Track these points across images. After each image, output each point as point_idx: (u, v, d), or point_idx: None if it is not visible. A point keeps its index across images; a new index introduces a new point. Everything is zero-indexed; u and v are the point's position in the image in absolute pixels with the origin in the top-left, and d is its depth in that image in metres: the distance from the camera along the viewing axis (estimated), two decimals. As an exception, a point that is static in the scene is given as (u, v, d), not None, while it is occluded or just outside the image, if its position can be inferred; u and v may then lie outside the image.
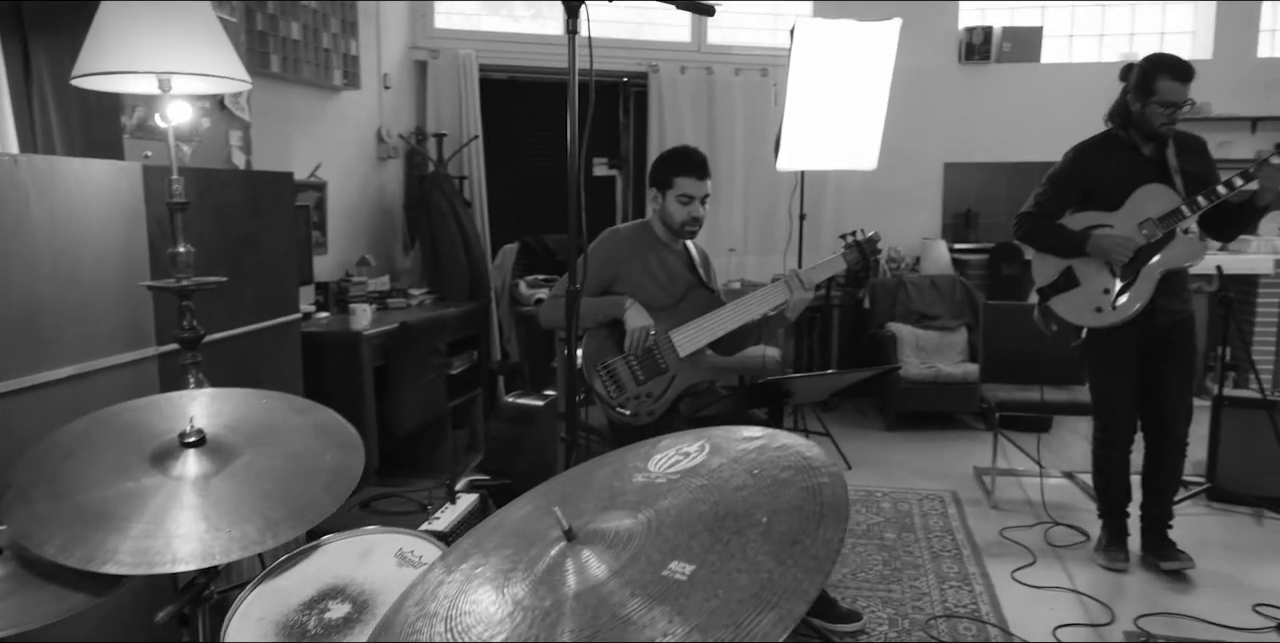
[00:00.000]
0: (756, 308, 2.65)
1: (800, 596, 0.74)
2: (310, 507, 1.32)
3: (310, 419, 1.53)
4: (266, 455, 1.39)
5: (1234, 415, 3.61)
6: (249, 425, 1.46)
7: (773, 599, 0.74)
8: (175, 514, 1.25)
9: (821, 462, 0.92)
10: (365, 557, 1.37)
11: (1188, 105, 2.80)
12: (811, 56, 3.95)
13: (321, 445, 1.44)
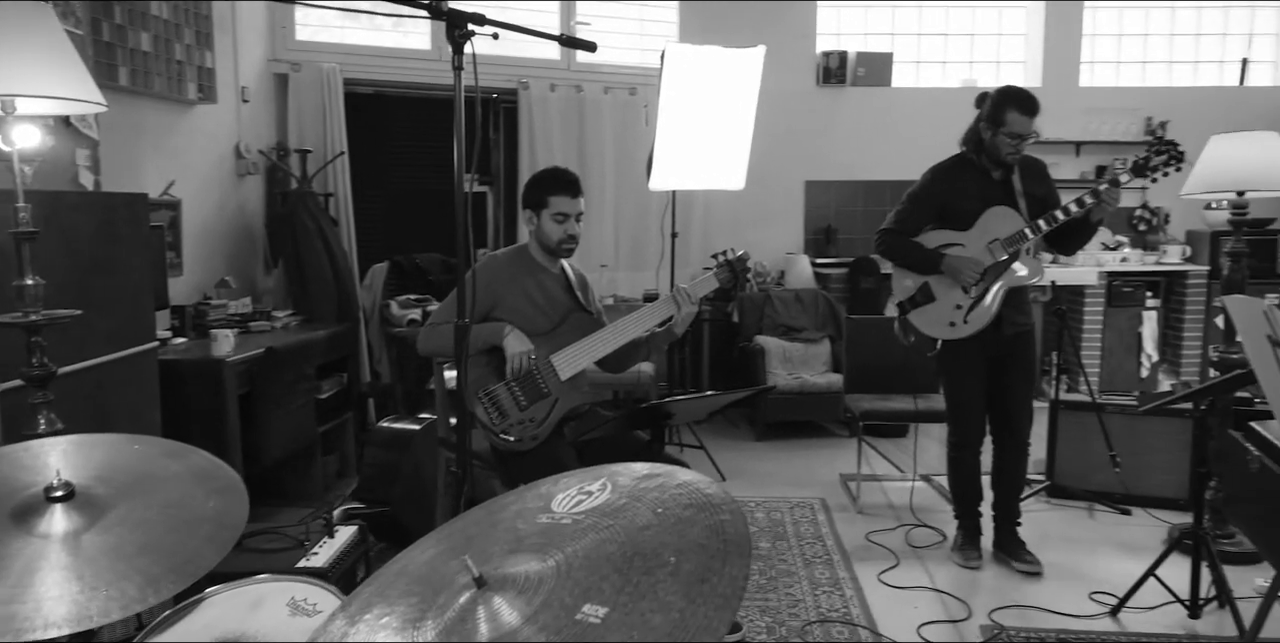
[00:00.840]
0: (637, 326, 2.70)
1: (711, 633, 0.78)
2: (193, 560, 1.27)
3: (186, 464, 1.47)
4: (142, 506, 1.33)
5: (1068, 417, 3.93)
6: (120, 474, 1.40)
7: (685, 638, 0.78)
8: (44, 576, 1.18)
9: (722, 499, 0.97)
10: (256, 608, 1.33)
11: (1033, 137, 3.04)
12: (681, 80, 4.06)
13: (202, 492, 1.39)
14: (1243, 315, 1.59)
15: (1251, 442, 1.84)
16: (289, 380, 3.69)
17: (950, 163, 3.24)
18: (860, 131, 6.09)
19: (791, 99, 6.01)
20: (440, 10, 1.53)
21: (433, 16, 1.52)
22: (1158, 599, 2.83)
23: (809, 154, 6.10)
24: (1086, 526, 3.65)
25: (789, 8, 6.02)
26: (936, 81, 6.33)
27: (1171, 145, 2.96)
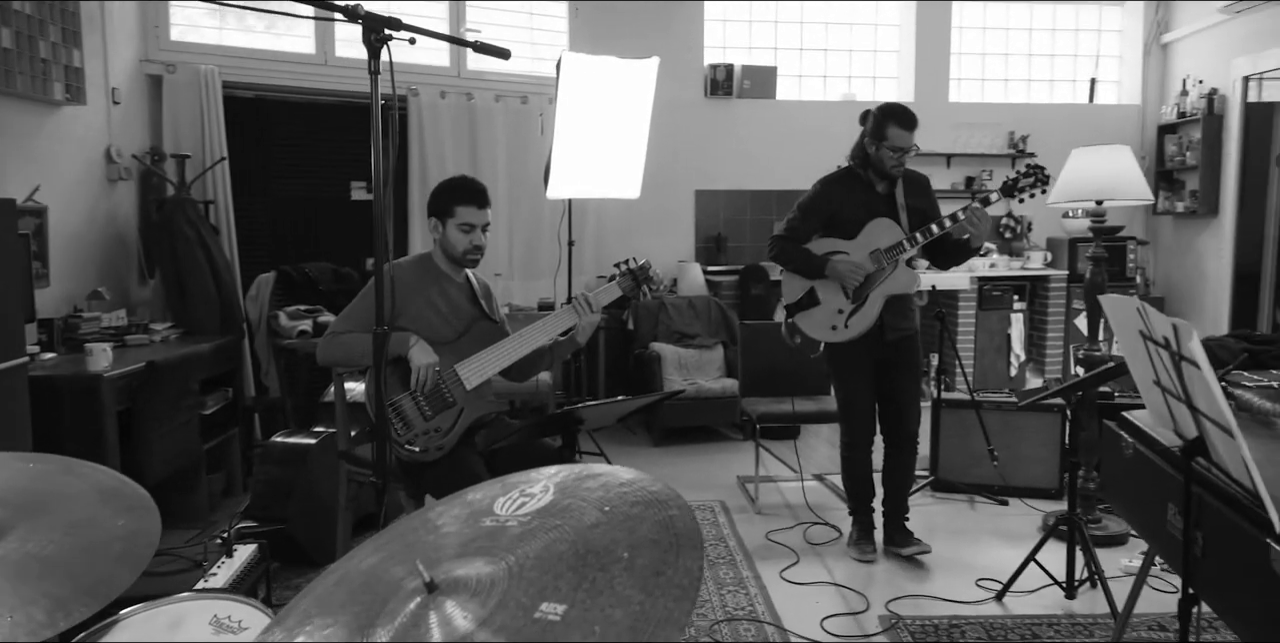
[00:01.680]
0: (541, 335, 2.71)
1: (673, 623, 0.81)
2: (105, 581, 1.20)
3: (90, 482, 1.39)
4: (45, 527, 1.26)
5: (949, 415, 4.14)
6: (17, 495, 1.31)
7: (648, 629, 0.81)
8: (-58, 604, 1.10)
9: (668, 495, 1.00)
10: (176, 628, 1.28)
11: (913, 150, 3.21)
12: (577, 89, 4.09)
13: (110, 511, 1.32)
14: (1117, 313, 1.73)
15: (1125, 430, 2.00)
16: (171, 396, 3.52)
17: (838, 175, 3.38)
18: (747, 142, 6.26)
19: (680, 110, 6.13)
20: (356, 13, 1.51)
21: (349, 19, 1.49)
22: (1038, 583, 3.03)
23: (698, 164, 6.23)
24: (969, 517, 3.86)
25: (677, 21, 6.14)
26: (818, 95, 6.57)
27: (1038, 169, 3.18)
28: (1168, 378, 1.58)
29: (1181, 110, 6.31)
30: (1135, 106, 6.75)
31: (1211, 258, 6.14)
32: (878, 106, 3.26)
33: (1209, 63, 6.15)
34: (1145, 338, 1.63)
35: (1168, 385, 1.60)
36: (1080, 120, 6.52)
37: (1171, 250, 6.58)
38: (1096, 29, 6.89)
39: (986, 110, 6.60)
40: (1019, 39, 6.83)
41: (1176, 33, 6.47)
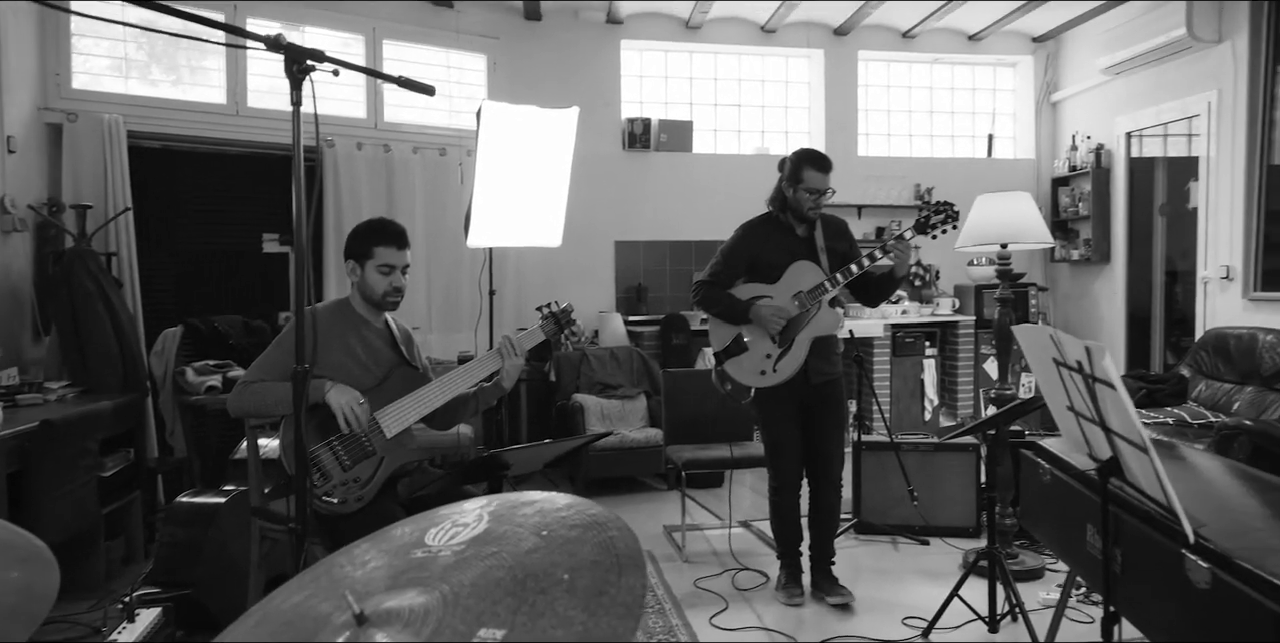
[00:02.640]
0: (464, 380, 2.66)
1: (618, 640, 0.79)
2: (-4, 637, 1.12)
3: (-21, 534, 1.30)
4: (-72, 582, 1.16)
5: (870, 457, 4.20)
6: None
7: (593, 649, 0.78)
8: None
9: (607, 517, 0.98)
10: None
11: (829, 192, 3.32)
12: (497, 138, 4.11)
13: (1, 563, 1.23)
14: (1030, 342, 1.80)
15: (1041, 457, 2.06)
16: (67, 457, 3.33)
17: (759, 221, 3.46)
18: (665, 194, 6.37)
19: (599, 162, 6.22)
20: (278, 43, 1.49)
21: (269, 49, 1.48)
22: (962, 619, 3.06)
23: (617, 215, 6.31)
24: (892, 557, 3.89)
25: (594, 76, 6.27)
26: (733, 149, 6.76)
27: (948, 206, 3.31)
28: (1081, 402, 1.63)
29: (1072, 164, 6.69)
30: (1030, 160, 7.13)
31: (1106, 302, 6.46)
32: (794, 152, 3.37)
33: (1095, 120, 6.56)
34: (1059, 364, 1.69)
35: (1081, 409, 1.66)
36: (980, 173, 6.85)
37: (1069, 296, 6.90)
38: (992, 88, 7.30)
39: (893, 164, 6.88)
40: (921, 97, 7.19)
41: (1065, 92, 6.89)
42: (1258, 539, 1.33)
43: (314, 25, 5.41)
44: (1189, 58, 5.52)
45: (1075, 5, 6.14)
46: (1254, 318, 5.07)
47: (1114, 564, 1.54)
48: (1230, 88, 5.23)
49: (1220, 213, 5.36)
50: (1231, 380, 4.90)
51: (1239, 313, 5.21)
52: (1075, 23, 6.53)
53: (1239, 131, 5.18)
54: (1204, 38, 5.28)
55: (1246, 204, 5.17)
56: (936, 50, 6.95)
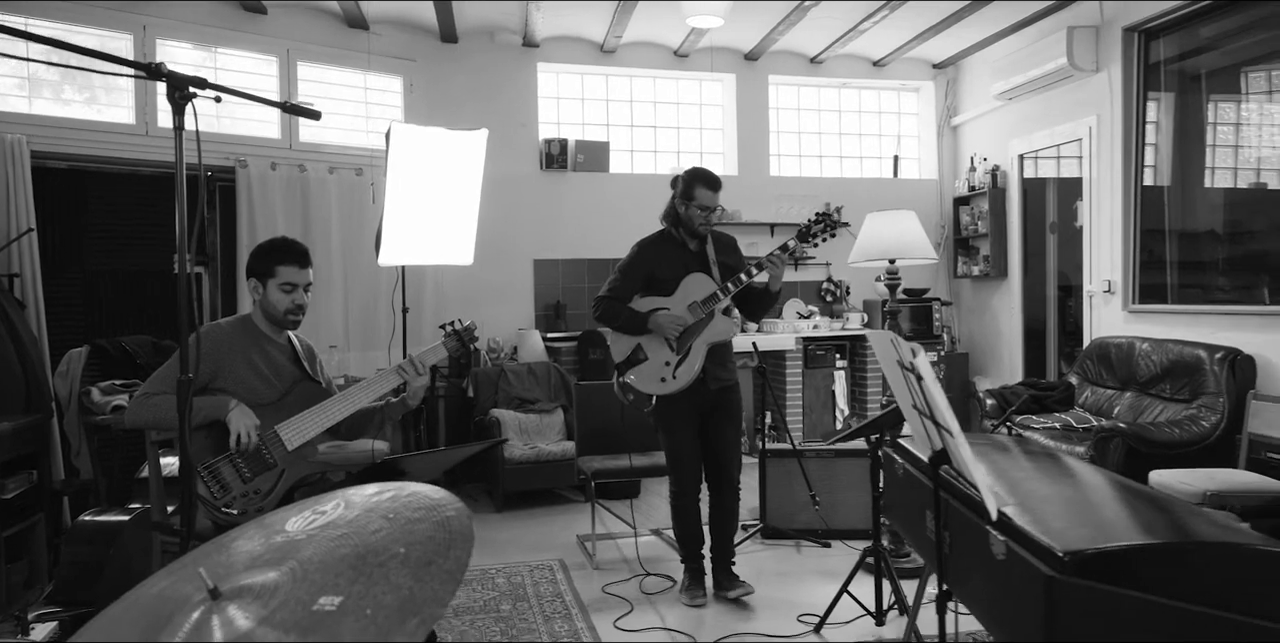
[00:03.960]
0: (365, 396, 2.74)
1: (438, 602, 0.90)
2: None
3: None
4: None
5: (775, 465, 4.37)
6: None
7: (415, 608, 0.89)
8: None
9: (448, 500, 1.09)
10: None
11: (720, 210, 3.49)
12: (407, 158, 4.20)
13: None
14: (880, 347, 1.96)
15: (898, 453, 2.23)
16: (-36, 477, 3.29)
17: (654, 237, 3.62)
18: (582, 213, 6.51)
19: (517, 182, 6.34)
20: (159, 71, 1.58)
21: (150, 77, 1.56)
22: (852, 614, 3.22)
23: (536, 234, 6.42)
24: (795, 560, 4.05)
25: (511, 98, 6.40)
26: (649, 169, 6.94)
27: (827, 216, 3.50)
28: (919, 399, 1.80)
29: (971, 184, 7.03)
30: (933, 181, 7.46)
31: (1005, 315, 6.79)
32: (687, 170, 3.54)
33: (991, 142, 6.91)
34: (901, 366, 1.86)
35: (920, 406, 1.83)
36: (887, 192, 7.14)
37: (972, 310, 7.23)
38: (897, 112, 7.63)
39: (804, 184, 7.14)
40: (831, 119, 7.48)
41: (963, 116, 7.25)
42: (1050, 517, 1.50)
43: (227, 47, 5.44)
44: (1071, 85, 5.88)
45: (969, 35, 6.49)
46: (1133, 328, 5.40)
47: (945, 545, 1.70)
48: (1108, 114, 5.59)
49: (1102, 230, 5.71)
50: (1113, 387, 5.22)
51: (1120, 324, 5.54)
52: (971, 51, 6.89)
53: (1116, 154, 5.54)
54: (1083, 67, 5.64)
55: (1124, 222, 5.52)
56: (843, 75, 7.25)
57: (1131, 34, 5.44)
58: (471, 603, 3.54)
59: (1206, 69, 5.36)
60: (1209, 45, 5.30)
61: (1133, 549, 1.28)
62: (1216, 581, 1.28)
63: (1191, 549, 1.29)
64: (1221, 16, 5.06)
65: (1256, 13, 4.81)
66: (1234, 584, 1.28)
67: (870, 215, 4.00)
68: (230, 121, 5.43)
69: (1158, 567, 1.28)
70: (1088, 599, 1.22)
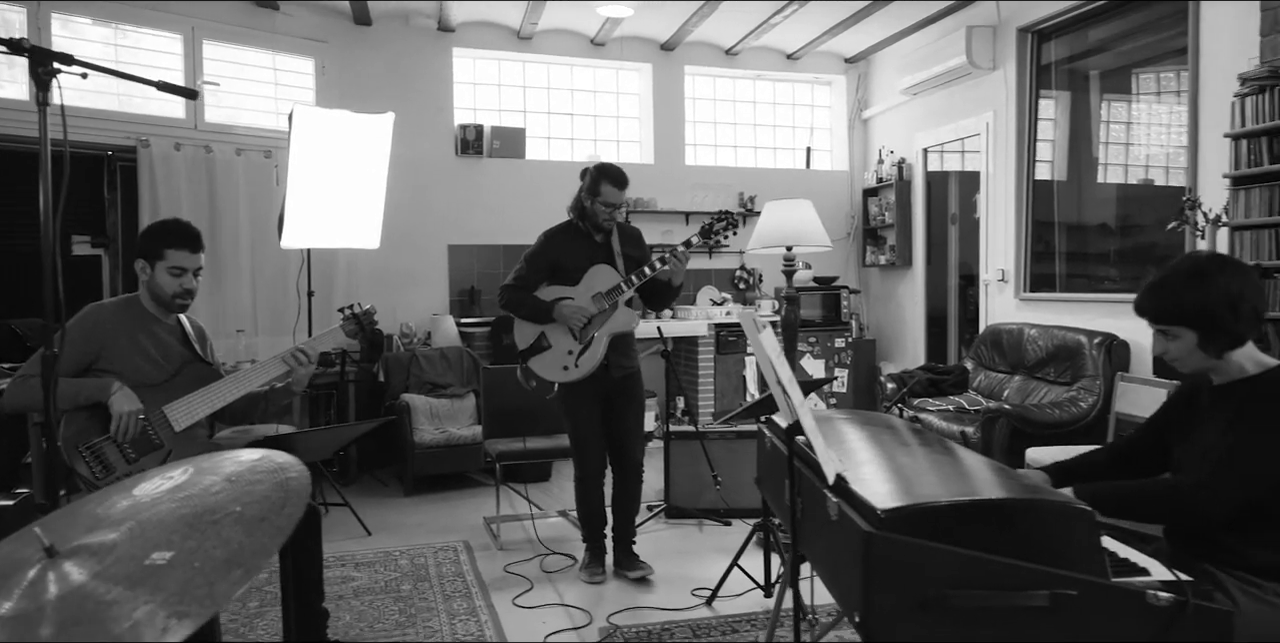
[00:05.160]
0: (256, 378, 2.74)
1: (264, 553, 0.96)
2: None
3: None
4: None
5: (679, 447, 4.48)
6: None
7: (241, 560, 0.95)
8: None
9: (290, 463, 1.15)
10: None
11: (625, 206, 3.56)
12: (310, 141, 4.17)
13: None
14: (748, 327, 2.06)
15: (767, 428, 2.34)
16: None
17: (560, 228, 3.68)
18: (498, 199, 6.52)
19: (432, 167, 6.32)
20: (20, 45, 1.57)
21: (11, 51, 1.56)
22: (743, 588, 3.35)
23: (451, 219, 6.41)
24: (696, 538, 4.17)
25: (426, 82, 6.36)
26: (566, 156, 6.98)
27: (728, 214, 3.61)
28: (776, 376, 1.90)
29: (879, 176, 7.25)
30: (844, 172, 7.67)
31: (909, 304, 7.03)
32: (594, 165, 3.59)
33: (898, 136, 7.13)
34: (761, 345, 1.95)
35: (778, 381, 1.93)
36: (799, 183, 7.31)
37: (879, 298, 7.46)
38: (810, 104, 7.81)
39: (719, 173, 7.26)
40: (746, 110, 7.61)
41: (873, 110, 7.46)
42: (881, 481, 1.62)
43: (128, 23, 5.29)
44: (971, 82, 6.12)
45: (878, 31, 6.68)
46: (1024, 315, 5.67)
47: (797, 511, 1.81)
48: (1003, 110, 5.84)
49: (997, 222, 5.97)
50: (1004, 371, 5.47)
51: (1013, 311, 5.81)
52: (880, 46, 7.09)
53: (1010, 149, 5.79)
54: (981, 65, 5.87)
55: (1017, 214, 5.78)
56: (758, 67, 7.39)
57: (1025, 34, 5.68)
58: (372, 584, 3.57)
59: (1100, 69, 5.63)
60: (1100, 47, 5.57)
61: (945, 506, 1.40)
62: (1022, 534, 1.41)
63: (997, 506, 1.42)
64: (1108, 20, 5.32)
65: (1141, 18, 5.07)
66: (1036, 538, 1.41)
67: (769, 204, 4.13)
68: (133, 100, 5.30)
69: (971, 523, 1.41)
70: (900, 553, 1.34)
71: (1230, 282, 1.72)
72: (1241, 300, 1.72)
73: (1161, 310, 1.78)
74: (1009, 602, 1.34)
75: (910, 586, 1.34)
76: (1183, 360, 1.81)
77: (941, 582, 1.34)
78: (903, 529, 1.36)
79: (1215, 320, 1.72)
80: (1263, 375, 1.76)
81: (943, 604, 1.33)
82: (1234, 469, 1.65)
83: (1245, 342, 1.77)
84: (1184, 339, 1.77)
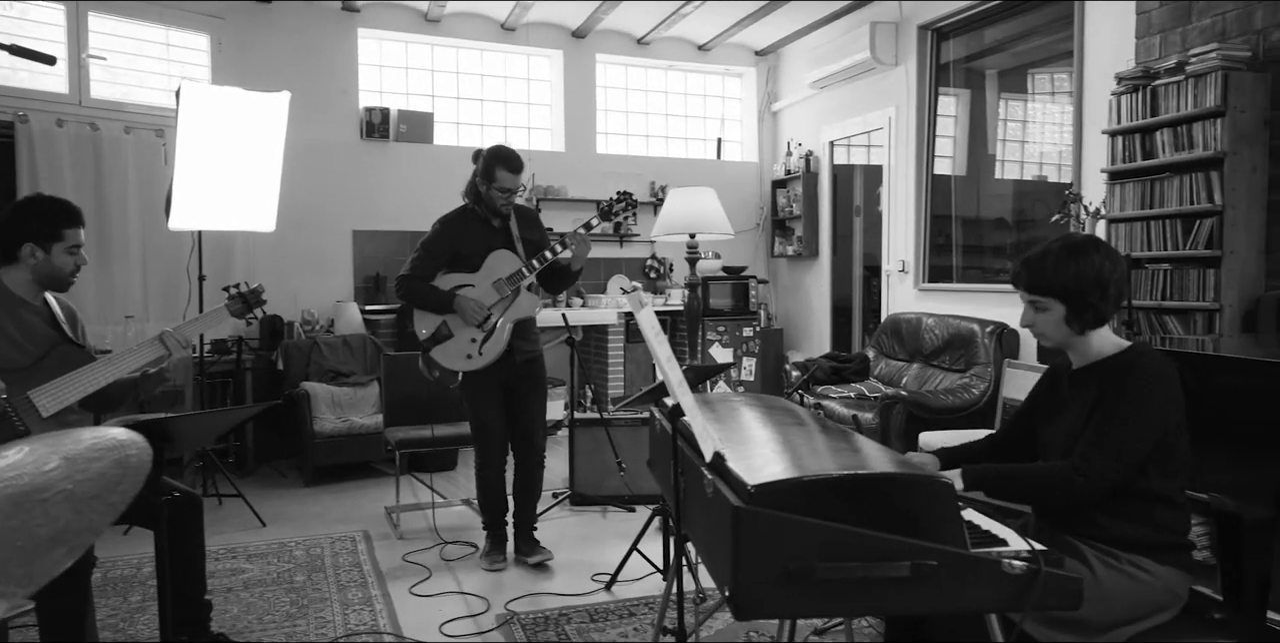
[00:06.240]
0: (130, 362, 2.62)
1: (92, 531, 0.92)
2: None
3: None
4: None
5: (584, 434, 4.48)
6: None
7: (66, 538, 0.91)
8: None
9: (130, 440, 1.10)
10: None
11: (520, 190, 3.51)
12: (199, 119, 4.02)
13: None
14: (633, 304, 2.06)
15: (659, 411, 2.36)
16: None
17: (456, 214, 3.62)
18: (405, 185, 6.39)
19: (336, 150, 6.16)
20: None
21: None
22: (642, 572, 3.38)
23: (356, 204, 6.26)
24: (599, 525, 4.18)
25: (329, 62, 6.19)
26: (475, 141, 6.86)
27: (628, 195, 3.62)
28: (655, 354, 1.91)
29: (788, 168, 7.36)
30: (754, 164, 7.76)
31: (816, 293, 7.17)
32: (489, 149, 3.54)
33: (806, 129, 7.25)
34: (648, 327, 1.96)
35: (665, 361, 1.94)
36: (710, 173, 7.36)
37: (787, 288, 7.59)
38: (722, 96, 7.87)
39: (630, 162, 7.26)
40: (658, 100, 7.63)
41: (783, 102, 7.56)
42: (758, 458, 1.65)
43: (4, -10, 5.00)
44: (874, 77, 6.25)
45: (787, 24, 6.77)
46: (923, 305, 5.84)
47: (680, 492, 1.83)
48: (905, 106, 5.99)
49: (898, 215, 6.13)
50: (903, 359, 5.63)
51: (912, 301, 5.98)
52: (790, 39, 7.19)
53: (911, 144, 5.94)
54: (884, 61, 6.01)
55: (917, 208, 5.94)
56: (670, 57, 7.41)
57: (925, 32, 5.83)
58: (264, 576, 3.47)
59: (997, 69, 5.82)
60: (997, 47, 5.76)
61: (812, 481, 1.43)
62: (887, 507, 1.45)
63: (863, 480, 1.45)
64: (1003, 20, 5.50)
65: (1034, 19, 5.26)
66: (901, 510, 1.45)
67: (672, 191, 4.15)
68: (17, 74, 5.01)
69: (838, 498, 1.44)
70: (766, 526, 1.36)
71: (1104, 262, 1.80)
72: (1110, 282, 1.80)
73: (1036, 281, 1.84)
74: (872, 573, 1.37)
75: (777, 559, 1.37)
76: (1047, 334, 1.89)
77: (808, 555, 1.37)
78: (772, 504, 1.39)
79: (1084, 296, 1.80)
80: (1117, 356, 1.85)
81: (809, 577, 1.36)
82: (1104, 449, 1.72)
83: (1106, 322, 1.86)
84: (1052, 312, 1.84)
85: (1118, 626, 1.69)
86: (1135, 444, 1.72)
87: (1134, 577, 1.72)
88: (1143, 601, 1.71)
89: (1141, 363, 1.78)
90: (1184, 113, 3.52)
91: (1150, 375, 1.75)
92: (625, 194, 3.58)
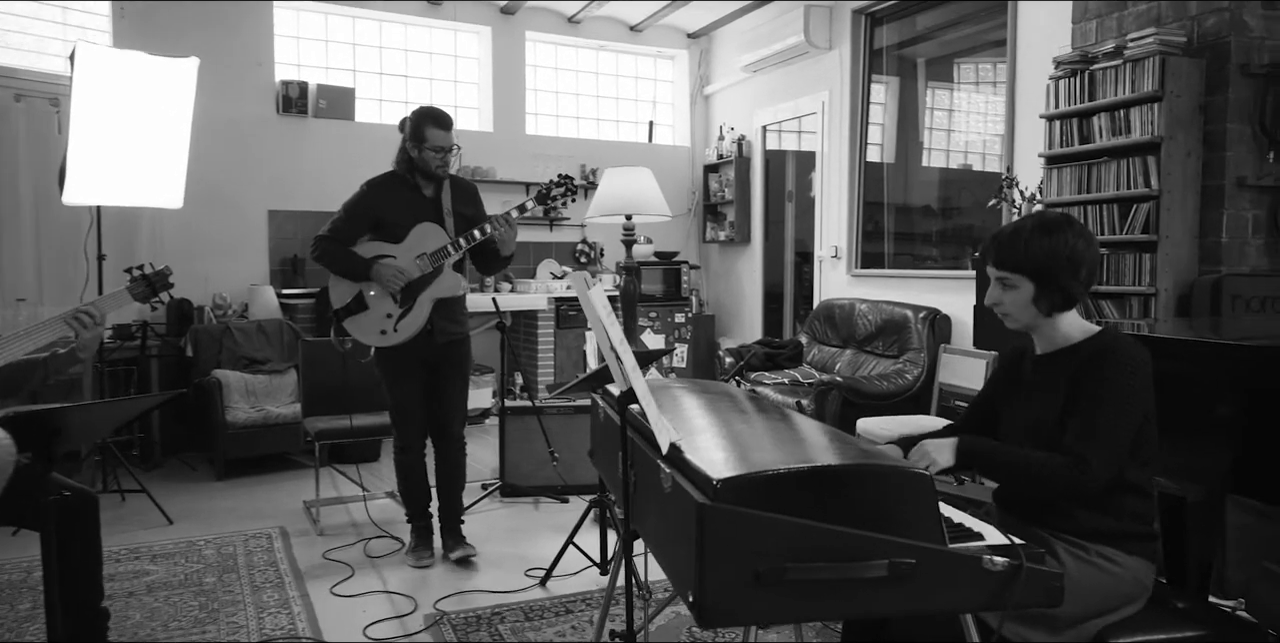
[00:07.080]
0: (30, 342, 2.36)
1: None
2: None
3: None
4: None
5: (515, 423, 4.31)
6: None
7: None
8: None
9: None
10: None
11: (455, 148, 3.33)
12: (96, 84, 3.70)
13: None
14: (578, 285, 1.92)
15: (602, 398, 2.22)
16: None
17: (384, 177, 3.40)
18: (325, 163, 6.09)
19: (250, 126, 5.83)
20: None
21: None
22: (578, 566, 3.25)
23: (272, 183, 5.94)
24: (531, 517, 4.03)
25: (242, 32, 5.84)
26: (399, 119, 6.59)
27: (568, 179, 3.45)
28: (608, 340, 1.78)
29: (720, 153, 7.27)
30: (686, 147, 7.65)
31: (747, 279, 7.11)
32: (414, 111, 3.34)
33: (739, 113, 7.17)
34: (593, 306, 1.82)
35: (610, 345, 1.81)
36: (642, 157, 7.22)
37: (719, 273, 7.52)
38: (654, 78, 7.73)
39: (561, 144, 7.08)
40: (589, 81, 7.45)
41: (715, 86, 7.47)
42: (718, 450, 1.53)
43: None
44: (808, 61, 6.20)
45: (719, 6, 6.66)
46: (856, 291, 5.82)
47: (630, 485, 1.70)
48: (838, 90, 5.94)
49: (831, 201, 6.09)
50: (836, 345, 5.61)
51: (845, 287, 5.96)
52: (722, 22, 7.08)
53: (844, 130, 5.91)
54: (818, 45, 5.95)
55: (850, 194, 5.92)
56: (601, 38, 7.24)
57: (859, 16, 5.79)
58: (170, 578, 3.23)
59: (926, 57, 5.82)
60: (926, 35, 5.75)
61: (784, 474, 1.32)
62: (861, 501, 1.34)
63: (837, 472, 1.35)
64: (933, 8, 5.49)
65: (963, 8, 5.26)
66: (876, 504, 1.35)
67: (608, 171, 4.00)
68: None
69: (810, 491, 1.33)
70: (736, 525, 1.24)
71: (1077, 241, 1.73)
72: (1083, 262, 1.73)
73: (1006, 257, 1.76)
74: (847, 574, 1.27)
75: (747, 560, 1.25)
76: (1014, 314, 1.81)
77: (780, 555, 1.26)
78: (739, 500, 1.27)
79: (1054, 274, 1.72)
80: (1088, 342, 1.78)
81: (781, 579, 1.25)
82: (1100, 441, 1.64)
83: (1074, 305, 1.79)
84: (1020, 290, 1.76)
85: (1088, 619, 1.63)
86: (1127, 433, 1.66)
87: (1103, 569, 1.66)
88: (1112, 593, 1.65)
89: (1118, 348, 1.71)
90: (1121, 97, 3.52)
91: (1129, 362, 1.69)
92: (565, 178, 3.41)
